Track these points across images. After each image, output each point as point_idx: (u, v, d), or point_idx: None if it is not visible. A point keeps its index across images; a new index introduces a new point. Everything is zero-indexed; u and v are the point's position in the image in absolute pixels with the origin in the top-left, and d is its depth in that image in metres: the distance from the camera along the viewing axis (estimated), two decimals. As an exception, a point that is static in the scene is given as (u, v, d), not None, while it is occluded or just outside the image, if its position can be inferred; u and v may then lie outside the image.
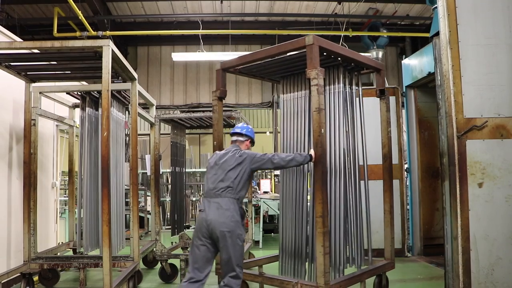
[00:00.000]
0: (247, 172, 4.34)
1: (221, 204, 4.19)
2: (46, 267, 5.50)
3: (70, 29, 13.30)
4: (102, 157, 4.39)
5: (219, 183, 4.28)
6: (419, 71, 7.28)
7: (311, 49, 4.48)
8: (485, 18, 4.46)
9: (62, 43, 4.42)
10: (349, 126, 5.00)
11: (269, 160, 4.33)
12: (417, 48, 13.76)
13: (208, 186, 4.37)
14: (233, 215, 4.17)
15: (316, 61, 4.41)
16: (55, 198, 7.52)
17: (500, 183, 4.30)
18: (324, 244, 4.18)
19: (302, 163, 4.43)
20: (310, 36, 4.53)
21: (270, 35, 16.16)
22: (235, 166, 4.32)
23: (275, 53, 4.86)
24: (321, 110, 4.33)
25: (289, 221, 5.08)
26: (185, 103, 17.36)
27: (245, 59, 5.19)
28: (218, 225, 4.11)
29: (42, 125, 6.58)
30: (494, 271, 4.23)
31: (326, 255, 4.20)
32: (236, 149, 4.49)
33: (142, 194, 11.40)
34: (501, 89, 4.38)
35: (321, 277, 4.16)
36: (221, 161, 4.44)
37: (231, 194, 4.25)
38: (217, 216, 4.14)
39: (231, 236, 4.11)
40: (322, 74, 4.42)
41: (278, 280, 4.65)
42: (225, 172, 4.31)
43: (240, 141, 4.65)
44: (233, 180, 4.28)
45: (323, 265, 4.16)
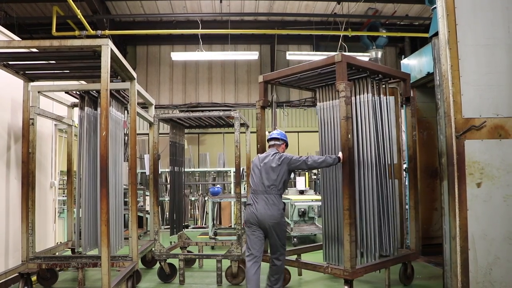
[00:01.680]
0: (286, 172, 5.12)
1: (268, 199, 5.02)
2: (44, 267, 5.50)
3: (69, 28, 13.29)
4: (101, 157, 4.39)
5: (264, 183, 5.09)
6: (418, 71, 7.28)
7: (339, 65, 5.13)
8: (484, 19, 4.46)
9: (60, 42, 4.41)
10: (377, 130, 5.66)
11: (304, 162, 5.09)
12: (416, 48, 13.80)
13: (255, 184, 5.17)
14: (279, 208, 5.02)
15: (344, 75, 5.11)
16: (54, 198, 7.52)
17: (499, 183, 4.30)
18: (351, 233, 4.90)
19: (332, 164, 5.15)
20: (339, 54, 5.16)
21: (269, 35, 16.19)
22: (276, 167, 5.09)
23: (308, 68, 5.63)
24: (348, 118, 5.06)
25: (331, 213, 5.68)
26: (184, 102, 17.38)
27: (284, 73, 6.03)
28: (267, 217, 4.96)
29: (41, 125, 6.57)
30: (492, 271, 4.23)
31: (352, 243, 4.91)
32: (276, 152, 5.26)
33: (141, 194, 11.40)
34: (500, 90, 4.38)
35: (347, 261, 4.89)
36: (263, 162, 5.20)
37: (275, 191, 5.06)
38: (265, 209, 4.97)
39: (278, 225, 5.00)
40: (350, 87, 5.15)
41: (312, 264, 5.45)
42: (268, 173, 5.10)
43: (278, 144, 5.43)
44: (275, 179, 5.07)
45: (349, 251, 4.88)
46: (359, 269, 5.05)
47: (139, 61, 17.43)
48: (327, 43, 16.22)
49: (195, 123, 7.11)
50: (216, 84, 17.62)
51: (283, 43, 17.04)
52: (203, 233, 10.64)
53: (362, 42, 15.53)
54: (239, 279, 6.01)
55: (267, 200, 5.02)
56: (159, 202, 6.67)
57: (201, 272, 6.94)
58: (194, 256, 6.65)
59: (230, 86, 17.66)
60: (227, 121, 6.89)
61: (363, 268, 5.17)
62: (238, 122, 6.12)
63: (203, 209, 12.98)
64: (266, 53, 17.43)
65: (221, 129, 15.61)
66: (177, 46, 17.18)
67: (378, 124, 5.71)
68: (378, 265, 5.41)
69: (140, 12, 14.98)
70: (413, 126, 6.21)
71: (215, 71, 17.64)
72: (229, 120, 6.79)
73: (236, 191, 6.26)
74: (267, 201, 5.01)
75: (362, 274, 5.13)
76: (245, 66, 17.64)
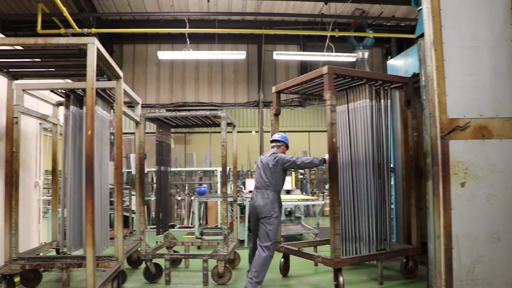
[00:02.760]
0: (280, 171, 5.75)
1: (264, 195, 5.68)
2: (28, 267, 5.42)
3: (54, 26, 13.17)
4: (87, 156, 4.35)
5: (263, 180, 5.75)
6: (404, 72, 7.34)
7: (326, 77, 5.58)
8: (468, 21, 4.52)
9: (46, 40, 4.36)
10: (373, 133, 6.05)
11: (294, 162, 5.71)
12: (403, 49, 13.92)
13: (256, 181, 5.87)
14: (272, 202, 5.64)
15: (331, 85, 5.58)
16: (38, 198, 7.43)
17: (482, 182, 4.36)
18: (335, 227, 5.34)
19: (318, 165, 5.73)
20: (326, 67, 5.60)
21: (257, 35, 16.20)
22: (272, 167, 5.73)
23: (305, 80, 6.16)
24: (333, 124, 5.49)
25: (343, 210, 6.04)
26: (171, 102, 17.32)
27: (288, 85, 6.64)
28: (262, 208, 5.62)
29: (25, 123, 6.49)
30: (475, 269, 4.29)
31: (337, 236, 5.34)
32: (274, 153, 5.89)
33: (127, 194, 11.32)
34: (484, 91, 4.44)
35: (332, 252, 5.35)
36: (263, 162, 5.85)
37: (271, 187, 5.70)
38: (262, 203, 5.64)
39: (268, 218, 5.58)
40: (335, 95, 5.63)
41: (308, 254, 6.00)
42: (266, 171, 5.77)
43: (278, 146, 6.06)
44: (271, 177, 5.72)
45: (334, 243, 5.33)
46: (345, 260, 5.50)
47: (125, 59, 17.32)
48: (314, 43, 16.29)
49: (182, 123, 7.09)
50: (203, 83, 17.58)
51: (270, 42, 17.06)
52: (189, 232, 10.61)
53: (349, 42, 15.63)
54: (225, 279, 6.01)
55: (264, 194, 5.68)
56: (145, 201, 6.64)
57: (187, 272, 6.92)
58: (180, 256, 6.63)
59: (217, 85, 17.64)
60: (214, 121, 6.88)
61: (349, 259, 5.65)
62: (224, 121, 6.11)
63: (189, 208, 12.95)
64: (253, 52, 17.43)
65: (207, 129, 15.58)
66: (164, 45, 17.11)
67: (375, 127, 6.09)
68: (367, 258, 5.88)
69: (127, 11, 14.88)
70: (413, 127, 6.50)
71: (202, 70, 17.60)
72: (215, 120, 6.78)
73: (223, 190, 6.26)
74: (264, 195, 5.67)
75: (348, 264, 5.68)
76: (232, 66, 17.63)
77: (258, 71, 17.27)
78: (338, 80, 6.10)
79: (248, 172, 16.87)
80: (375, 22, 15.87)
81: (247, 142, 16.98)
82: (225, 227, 6.10)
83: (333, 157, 5.50)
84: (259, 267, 5.44)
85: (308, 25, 15.81)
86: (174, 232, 10.10)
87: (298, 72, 17.81)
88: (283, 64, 17.71)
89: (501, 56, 4.48)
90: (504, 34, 4.49)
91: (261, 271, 5.45)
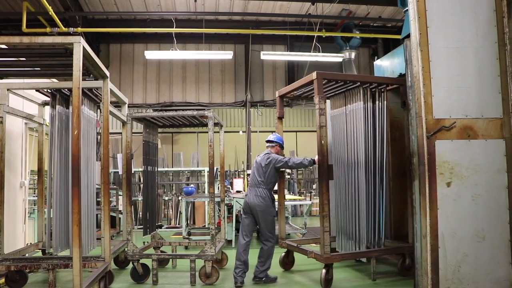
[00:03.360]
0: (273, 170, 6.10)
1: (257, 192, 6.05)
2: (13, 268, 5.37)
3: (40, 25, 13.00)
4: (73, 156, 4.32)
5: (256, 178, 6.12)
6: (390, 72, 7.40)
7: (316, 82, 5.80)
8: (454, 22, 4.58)
9: (31, 39, 4.32)
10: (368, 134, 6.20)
11: (286, 163, 6.10)
12: (389, 49, 14.01)
13: (251, 179, 6.27)
14: (265, 199, 6.00)
15: (321, 90, 5.82)
16: (24, 198, 7.36)
17: (467, 182, 4.42)
18: (324, 224, 5.61)
19: (307, 166, 6.14)
20: (315, 73, 5.83)
21: (244, 35, 16.18)
22: (264, 166, 6.11)
23: (299, 85, 6.48)
24: (322, 127, 5.73)
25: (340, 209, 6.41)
26: (158, 101, 17.23)
27: (286, 90, 6.99)
28: (256, 206, 6.00)
29: (10, 123, 6.42)
30: (461, 268, 4.34)
31: (326, 233, 5.60)
32: (267, 153, 6.26)
33: (113, 194, 11.25)
34: (469, 91, 4.50)
35: (322, 248, 5.65)
36: (257, 162, 6.23)
37: (263, 185, 6.06)
38: (255, 200, 6.03)
39: (264, 213, 5.99)
40: (324, 100, 5.85)
41: (304, 250, 6.19)
42: (259, 170, 6.14)
43: (271, 146, 6.35)
44: (264, 176, 6.09)
45: (324, 239, 5.60)
46: (335, 256, 5.80)
47: (112, 59, 17.19)
48: (301, 44, 16.33)
49: (169, 123, 7.07)
50: (190, 83, 17.52)
51: (258, 43, 17.06)
52: (176, 233, 10.57)
53: (336, 42, 15.69)
54: (213, 279, 6.00)
55: (257, 192, 6.04)
56: (132, 201, 6.61)
57: (175, 272, 6.90)
58: (167, 256, 6.61)
59: (204, 85, 17.59)
60: (201, 121, 6.87)
61: (339, 255, 6.01)
62: (212, 121, 6.10)
63: (176, 209, 12.90)
64: (240, 52, 17.42)
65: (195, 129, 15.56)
66: (151, 45, 17.01)
67: (370, 128, 6.23)
68: (356, 254, 6.27)
69: (114, 10, 14.76)
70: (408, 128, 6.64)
71: (190, 70, 17.54)
72: (203, 120, 6.77)
73: (210, 191, 6.25)
74: (257, 193, 6.04)
75: (338, 260, 5.89)
76: (220, 66, 17.60)
77: (245, 71, 17.26)
78: (331, 84, 6.30)
79: (235, 172, 16.85)
80: (362, 23, 15.95)
81: (234, 142, 16.96)
82: (213, 227, 6.09)
83: (322, 158, 5.73)
84: (264, 257, 6.00)
85: (295, 25, 15.84)
86: (162, 232, 10.07)
87: (286, 72, 17.84)
88: (270, 64, 17.73)
89: (486, 57, 4.54)
90: (489, 35, 4.56)
91: (266, 260, 6.01)
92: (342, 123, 6.47)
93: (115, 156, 13.36)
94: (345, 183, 6.30)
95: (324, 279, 5.61)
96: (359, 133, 6.18)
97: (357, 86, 6.24)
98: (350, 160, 6.28)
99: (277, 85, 17.50)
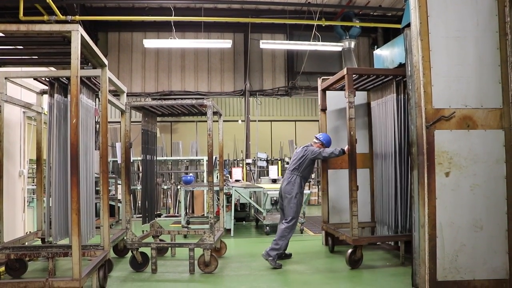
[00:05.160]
0: (307, 160, 6.64)
1: (289, 177, 6.68)
2: (13, 257, 5.38)
3: (37, 13, 12.90)
4: (71, 145, 4.31)
5: (292, 165, 6.75)
6: (390, 62, 7.36)
7: (346, 77, 6.20)
8: (454, 11, 4.54)
9: (28, 27, 4.29)
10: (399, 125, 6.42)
11: (320, 153, 6.61)
12: (389, 38, 13.94)
13: (288, 166, 6.90)
14: (294, 184, 6.59)
15: (351, 84, 6.19)
16: (23, 187, 7.36)
17: (466, 172, 4.42)
18: (352, 209, 6.04)
19: (338, 155, 6.55)
20: (345, 68, 6.28)
21: (243, 23, 16.10)
22: (301, 157, 6.68)
23: (335, 80, 6.86)
24: (351, 119, 6.14)
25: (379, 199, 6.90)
26: (157, 90, 17.17)
27: (328, 83, 7.27)
28: (283, 189, 6.66)
29: (8, 112, 6.40)
30: (458, 257, 4.36)
31: (354, 217, 6.03)
32: (307, 146, 6.85)
33: (112, 183, 11.25)
34: (469, 81, 4.48)
35: (351, 231, 6.06)
36: (297, 152, 6.90)
37: (296, 173, 6.65)
38: (284, 183, 6.72)
39: (289, 198, 6.53)
40: (353, 93, 6.20)
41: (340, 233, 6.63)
42: (295, 159, 6.76)
43: (315, 142, 6.89)
44: (298, 164, 6.67)
45: (352, 223, 6.03)
46: (362, 238, 6.27)
47: (110, 48, 17.09)
48: (301, 33, 16.24)
49: (168, 111, 7.05)
50: (189, 72, 17.45)
51: (257, 31, 16.97)
52: (175, 222, 10.62)
53: (336, 32, 15.60)
54: (211, 268, 6.03)
55: (288, 177, 6.68)
56: (131, 190, 6.62)
57: (174, 260, 6.93)
58: (166, 245, 6.63)
59: (203, 74, 17.52)
60: (200, 110, 6.84)
61: (367, 237, 6.68)
62: (211, 110, 6.09)
63: (175, 198, 12.93)
64: (239, 41, 17.33)
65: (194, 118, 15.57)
66: (150, 33, 16.91)
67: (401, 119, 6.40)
68: (384, 238, 6.77)
69: (112, -2, 14.66)
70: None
71: (188, 59, 17.46)
72: (202, 109, 6.74)
73: (209, 180, 6.25)
74: (288, 178, 6.67)
75: (366, 242, 6.40)
76: (219, 54, 17.52)
77: (244, 60, 17.18)
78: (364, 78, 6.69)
79: (234, 161, 16.87)
80: (362, 12, 15.85)
81: (233, 131, 16.94)
82: (211, 216, 6.10)
83: (352, 148, 6.21)
84: (279, 237, 6.41)
85: (295, 14, 15.75)
86: (160, 221, 10.08)
87: (285, 61, 17.76)
88: (270, 53, 17.65)
89: (486, 47, 4.52)
90: (490, 25, 4.53)
91: (280, 240, 6.37)
92: (378, 114, 6.95)
93: (113, 145, 13.35)
94: (382, 171, 6.79)
95: (349, 259, 6.08)
96: (391, 123, 6.53)
97: (390, 79, 6.53)
98: (386, 149, 6.70)
99: (276, 74, 17.46)
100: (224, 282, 5.68)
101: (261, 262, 6.50)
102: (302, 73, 16.60)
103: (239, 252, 7.50)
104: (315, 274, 5.96)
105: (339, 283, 5.62)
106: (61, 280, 4.31)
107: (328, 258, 6.99)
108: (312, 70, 16.77)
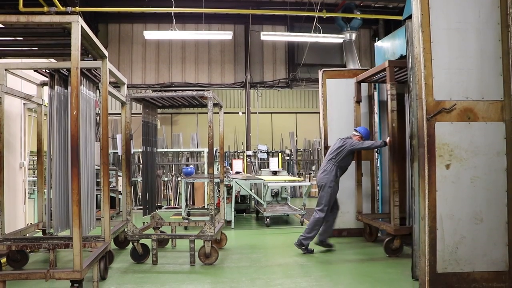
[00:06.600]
0: (345, 151, 6.72)
1: (325, 166, 6.83)
2: (14, 248, 5.40)
3: (37, 4, 12.87)
4: (72, 137, 4.30)
5: (329, 155, 6.87)
6: (391, 54, 7.35)
7: (388, 69, 6.31)
8: (456, 3, 4.51)
9: (28, 18, 4.27)
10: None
11: (360, 144, 6.74)
12: (390, 30, 13.88)
13: (327, 155, 7.00)
14: (330, 173, 6.70)
15: (392, 77, 6.30)
16: (23, 179, 7.36)
17: (466, 164, 4.41)
18: (394, 199, 6.27)
19: (379, 146, 6.92)
20: (387, 61, 6.35)
21: (243, 15, 16.05)
22: (339, 147, 6.79)
23: (374, 72, 6.95)
24: (393, 111, 6.29)
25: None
26: (157, 82, 17.15)
27: (364, 76, 7.37)
28: (319, 177, 6.81)
29: (9, 104, 6.39)
30: (458, 249, 4.37)
31: (396, 207, 6.25)
32: (347, 137, 6.94)
33: (113, 174, 11.27)
34: (470, 73, 4.46)
35: (392, 221, 6.31)
36: (336, 142, 6.94)
37: (332, 162, 6.77)
38: (320, 171, 6.89)
39: (323, 186, 6.68)
40: (395, 86, 6.33)
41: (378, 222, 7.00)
42: (333, 149, 6.87)
43: (354, 135, 6.97)
44: (336, 154, 6.77)
45: (393, 213, 6.26)
46: (403, 228, 6.34)
47: (111, 39, 17.06)
48: (302, 24, 16.19)
49: (168, 103, 7.04)
50: (189, 63, 17.42)
51: (258, 23, 16.91)
52: (176, 213, 10.63)
53: (337, 23, 15.55)
54: (212, 259, 6.05)
55: (325, 166, 6.83)
56: (131, 182, 6.62)
57: (174, 252, 6.95)
58: (167, 237, 6.65)
59: (203, 66, 17.49)
60: (201, 101, 6.84)
61: (408, 227, 6.39)
62: (211, 102, 6.08)
63: (176, 189, 12.96)
64: (240, 33, 17.29)
65: (194, 109, 15.54)
66: (150, 25, 16.86)
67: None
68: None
69: (112, -11, 14.61)
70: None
71: (189, 50, 17.43)
72: (202, 100, 6.74)
73: (209, 171, 6.25)
74: (325, 167, 6.83)
75: (406, 231, 6.29)
76: (219, 46, 17.48)
77: (245, 51, 17.14)
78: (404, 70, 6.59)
79: (235, 153, 16.88)
80: (363, 4, 15.80)
81: (234, 123, 16.95)
82: (212, 207, 6.12)
83: (393, 139, 6.37)
84: (311, 225, 6.62)
85: (296, 5, 15.69)
86: (161, 213, 10.12)
87: (285, 53, 17.72)
88: (270, 45, 17.60)
89: (488, 39, 4.49)
90: (492, 17, 4.50)
91: (312, 229, 6.59)
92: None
93: (114, 137, 13.36)
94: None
95: (386, 246, 6.40)
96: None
97: None
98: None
99: (276, 66, 17.42)
100: (224, 273, 5.70)
101: (262, 253, 6.52)
102: (302, 65, 16.57)
103: (239, 244, 7.52)
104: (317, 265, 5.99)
105: (338, 274, 5.65)
106: (62, 271, 4.32)
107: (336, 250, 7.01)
108: (313, 62, 16.75)
